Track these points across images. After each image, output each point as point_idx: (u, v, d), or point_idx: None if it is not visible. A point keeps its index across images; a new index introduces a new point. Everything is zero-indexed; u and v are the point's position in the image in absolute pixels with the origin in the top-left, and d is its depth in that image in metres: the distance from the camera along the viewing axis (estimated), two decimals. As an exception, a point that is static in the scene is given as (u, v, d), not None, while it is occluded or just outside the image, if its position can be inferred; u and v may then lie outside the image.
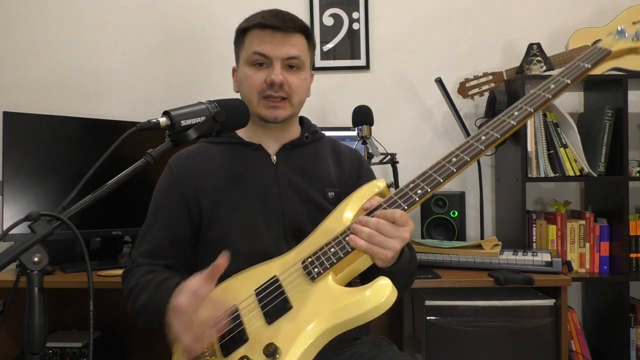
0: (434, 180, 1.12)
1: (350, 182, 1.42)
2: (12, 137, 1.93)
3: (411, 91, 2.49)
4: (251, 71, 1.33)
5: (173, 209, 1.32)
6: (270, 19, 1.31)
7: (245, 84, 1.34)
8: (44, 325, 0.85)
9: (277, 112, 1.33)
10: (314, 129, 1.46)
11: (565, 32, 2.35)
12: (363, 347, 1.33)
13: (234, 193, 1.32)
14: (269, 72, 1.31)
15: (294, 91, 1.34)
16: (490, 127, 1.18)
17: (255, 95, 1.33)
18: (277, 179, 1.34)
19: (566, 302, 1.78)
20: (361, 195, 1.22)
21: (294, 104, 1.36)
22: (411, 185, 1.13)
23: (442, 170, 1.14)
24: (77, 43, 2.49)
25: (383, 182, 1.24)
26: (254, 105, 1.33)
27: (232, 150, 1.38)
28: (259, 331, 1.10)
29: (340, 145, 1.50)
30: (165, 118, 1.04)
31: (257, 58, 1.32)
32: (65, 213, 0.89)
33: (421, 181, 1.13)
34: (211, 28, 2.49)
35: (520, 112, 1.19)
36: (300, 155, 1.40)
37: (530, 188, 2.26)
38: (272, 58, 1.31)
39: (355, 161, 1.47)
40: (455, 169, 1.13)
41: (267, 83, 1.31)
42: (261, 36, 1.32)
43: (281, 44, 1.31)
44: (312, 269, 1.11)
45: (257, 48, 1.31)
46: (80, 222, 0.89)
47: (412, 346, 2.07)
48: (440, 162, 1.15)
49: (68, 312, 2.20)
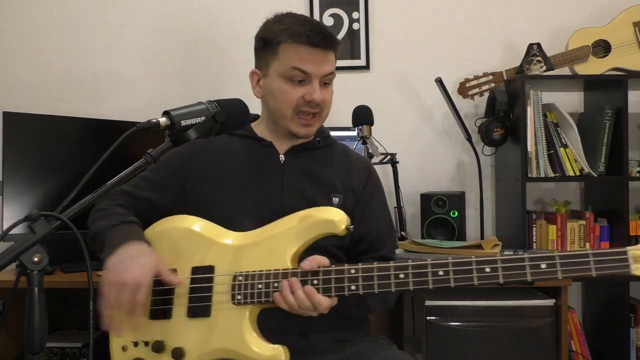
0: (371, 286, 1.10)
1: (358, 190, 1.41)
2: (12, 137, 1.93)
3: (411, 91, 2.49)
4: (288, 86, 1.31)
5: (162, 173, 1.36)
6: (314, 37, 1.29)
7: (280, 97, 1.32)
8: (44, 325, 0.85)
9: (309, 130, 1.35)
10: (326, 134, 1.45)
11: (565, 32, 2.35)
12: (362, 346, 1.33)
13: (235, 182, 1.34)
14: (307, 90, 1.30)
15: (327, 106, 1.35)
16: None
17: (290, 111, 1.32)
18: (282, 178, 1.35)
19: (566, 302, 1.78)
20: (316, 223, 1.18)
21: (323, 118, 1.37)
22: (352, 271, 1.11)
23: (385, 280, 1.09)
24: (77, 43, 2.49)
25: (344, 224, 1.16)
26: (287, 120, 1.33)
27: (244, 142, 1.39)
28: (179, 319, 1.21)
29: (352, 153, 1.49)
30: (165, 118, 1.05)
31: (297, 74, 1.30)
32: (65, 213, 0.90)
33: (362, 276, 1.10)
34: (212, 28, 2.49)
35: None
36: (310, 158, 1.40)
37: (530, 188, 2.26)
38: (313, 76, 1.30)
39: (364, 169, 1.45)
40: (394, 289, 1.09)
41: (305, 100, 1.30)
42: (301, 51, 1.29)
43: (321, 62, 1.30)
44: (236, 293, 1.17)
45: (297, 64, 1.29)
46: (80, 222, 0.89)
47: (412, 346, 2.07)
48: (390, 267, 1.10)
49: (68, 312, 2.20)
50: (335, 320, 1.28)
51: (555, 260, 1.04)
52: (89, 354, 0.92)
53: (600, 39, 2.29)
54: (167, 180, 1.37)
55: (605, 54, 2.28)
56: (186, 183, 1.36)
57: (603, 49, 2.29)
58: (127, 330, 1.17)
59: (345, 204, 1.37)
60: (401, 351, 1.35)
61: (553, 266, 1.04)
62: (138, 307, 1.10)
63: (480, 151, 2.35)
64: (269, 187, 1.34)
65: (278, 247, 1.18)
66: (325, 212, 1.18)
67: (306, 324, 1.26)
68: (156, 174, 1.37)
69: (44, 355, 0.85)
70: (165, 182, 1.37)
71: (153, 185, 1.37)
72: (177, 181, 1.37)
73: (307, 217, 1.19)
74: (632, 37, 2.28)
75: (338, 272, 1.12)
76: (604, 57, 2.28)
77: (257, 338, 1.15)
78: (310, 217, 1.18)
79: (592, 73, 2.26)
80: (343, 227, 1.15)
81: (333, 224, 1.15)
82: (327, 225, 1.16)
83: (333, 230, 1.15)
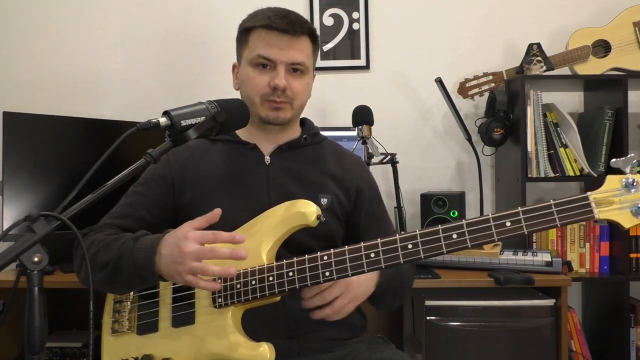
0: (344, 269, 1.11)
1: (351, 188, 1.40)
2: (12, 137, 1.93)
3: (411, 91, 2.49)
4: (254, 73, 1.31)
5: (154, 193, 1.32)
6: (277, 21, 1.28)
7: (248, 85, 1.33)
8: (44, 325, 0.85)
9: (279, 114, 1.32)
10: (314, 131, 1.44)
11: (565, 32, 2.35)
12: (360, 345, 1.33)
13: (222, 191, 1.31)
14: (272, 76, 1.29)
15: (297, 96, 1.33)
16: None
17: (257, 98, 1.31)
18: (268, 181, 1.33)
19: (566, 302, 1.78)
20: (287, 218, 1.19)
21: (295, 108, 1.35)
22: (325, 258, 1.13)
23: (357, 262, 1.11)
24: (77, 43, 2.49)
25: (314, 215, 1.17)
26: (256, 107, 1.32)
27: (227, 148, 1.37)
28: (165, 331, 1.22)
29: (342, 149, 1.48)
30: (165, 118, 1.04)
31: (261, 61, 1.30)
32: (65, 213, 0.90)
33: (334, 261, 1.12)
34: (212, 27, 2.49)
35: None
36: (296, 157, 1.38)
37: (530, 188, 2.26)
38: (277, 62, 1.29)
39: (356, 165, 1.45)
40: (367, 269, 1.11)
41: (270, 87, 1.30)
42: (267, 38, 1.29)
43: (287, 48, 1.29)
44: (217, 296, 1.17)
45: (262, 51, 1.29)
46: (80, 222, 0.89)
47: (412, 346, 2.07)
48: (360, 248, 1.11)
49: (68, 312, 2.19)
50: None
51: (520, 217, 1.03)
52: (89, 354, 0.92)
53: (600, 39, 2.29)
54: (161, 200, 1.33)
55: (605, 54, 2.28)
56: (176, 198, 1.33)
57: (603, 49, 2.29)
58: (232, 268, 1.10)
59: (335, 204, 1.36)
60: (398, 350, 1.34)
61: (518, 222, 1.03)
62: (210, 249, 1.07)
63: (480, 151, 2.35)
64: (256, 191, 1.32)
65: (254, 245, 1.18)
66: (295, 205, 1.19)
67: (296, 325, 1.26)
68: (147, 196, 1.32)
69: (44, 355, 0.85)
70: (161, 203, 1.33)
71: (149, 208, 1.32)
72: (170, 198, 1.33)
73: (279, 213, 1.20)
74: (632, 37, 2.27)
75: (311, 260, 1.13)
76: (604, 57, 2.28)
77: (242, 338, 1.15)
78: (282, 212, 1.20)
79: (592, 73, 2.26)
80: (313, 217, 1.16)
81: (304, 216, 1.17)
82: (298, 218, 1.17)
83: (304, 222, 1.17)
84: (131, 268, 1.14)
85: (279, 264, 1.15)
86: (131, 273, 1.14)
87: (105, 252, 1.18)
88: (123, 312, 1.28)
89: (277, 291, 1.14)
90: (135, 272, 1.13)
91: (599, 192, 1.02)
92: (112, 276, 1.17)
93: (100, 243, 1.20)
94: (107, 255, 1.17)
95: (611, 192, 1.01)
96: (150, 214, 1.31)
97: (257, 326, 1.20)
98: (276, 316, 1.24)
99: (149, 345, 1.22)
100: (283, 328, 1.26)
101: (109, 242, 1.19)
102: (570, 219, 1.02)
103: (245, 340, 1.15)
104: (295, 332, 1.27)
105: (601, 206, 1.01)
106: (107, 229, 1.27)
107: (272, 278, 1.14)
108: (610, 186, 1.02)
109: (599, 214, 1.01)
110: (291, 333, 1.27)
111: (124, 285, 1.20)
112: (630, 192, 1.01)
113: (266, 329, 1.21)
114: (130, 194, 1.35)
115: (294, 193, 1.31)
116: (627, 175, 1.01)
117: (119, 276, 1.17)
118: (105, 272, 1.17)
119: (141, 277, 1.14)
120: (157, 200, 1.32)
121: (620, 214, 1.00)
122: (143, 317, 1.25)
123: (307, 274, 1.13)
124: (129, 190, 1.36)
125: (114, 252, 1.16)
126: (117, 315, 1.29)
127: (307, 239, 1.28)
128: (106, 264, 1.16)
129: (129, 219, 1.30)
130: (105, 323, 1.31)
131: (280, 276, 1.13)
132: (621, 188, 1.01)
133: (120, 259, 1.15)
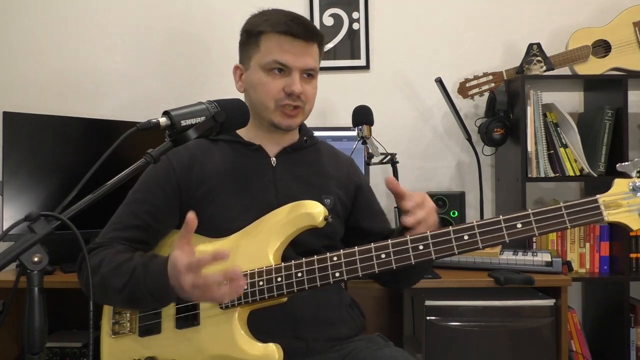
0: (354, 270, 1.13)
1: (350, 186, 1.42)
2: (12, 137, 1.93)
3: (411, 91, 2.49)
4: (267, 78, 1.30)
5: (158, 199, 1.29)
6: (294, 27, 1.28)
7: (261, 89, 1.31)
8: (44, 325, 0.85)
9: (292, 121, 1.33)
10: (310, 133, 1.46)
11: (565, 32, 2.35)
12: (359, 344, 1.33)
13: (229, 190, 1.31)
14: (287, 81, 1.29)
15: (309, 100, 1.34)
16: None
17: (272, 103, 1.31)
18: (275, 182, 1.34)
19: (566, 302, 1.78)
20: (295, 218, 1.19)
21: (306, 112, 1.36)
22: (335, 259, 1.14)
23: (368, 262, 1.12)
24: (77, 43, 2.49)
25: (322, 215, 1.18)
26: (269, 112, 1.32)
27: (230, 149, 1.36)
28: (168, 333, 1.20)
29: (336, 150, 1.51)
30: (165, 118, 1.04)
31: (277, 66, 1.30)
32: (65, 213, 0.90)
33: (344, 262, 1.13)
34: (212, 28, 2.49)
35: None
36: (300, 159, 1.39)
37: (530, 188, 2.26)
38: (292, 68, 1.29)
39: (349, 164, 1.49)
40: (378, 270, 1.12)
41: (285, 92, 1.29)
42: (281, 43, 1.29)
43: (302, 55, 1.30)
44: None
45: (277, 56, 1.29)
46: (80, 222, 0.89)
47: (412, 346, 2.07)
48: (370, 249, 1.13)
49: (68, 312, 2.19)
50: (329, 317, 1.29)
51: (530, 218, 1.05)
52: (89, 354, 0.92)
53: (600, 39, 2.29)
54: (166, 205, 1.29)
55: (605, 54, 2.28)
56: (183, 199, 1.30)
57: (603, 49, 2.29)
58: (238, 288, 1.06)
59: (338, 204, 1.38)
60: (397, 348, 1.34)
61: (529, 224, 1.05)
62: (211, 277, 1.03)
63: (480, 151, 2.35)
64: (264, 192, 1.32)
65: (260, 246, 1.18)
66: (302, 206, 1.19)
67: (301, 325, 1.26)
68: (151, 202, 1.29)
69: (44, 355, 0.85)
70: (165, 208, 1.30)
71: (153, 215, 1.28)
72: (176, 201, 1.30)
73: (284, 214, 1.20)
74: (632, 37, 2.27)
75: (321, 261, 1.14)
76: (604, 57, 2.28)
77: (249, 339, 1.15)
78: (289, 213, 1.20)
79: (592, 73, 2.26)
80: (321, 218, 1.17)
81: (312, 217, 1.17)
82: (306, 219, 1.18)
83: (312, 223, 1.17)
84: (149, 299, 1.14)
85: (287, 264, 1.15)
86: (149, 300, 1.15)
87: (116, 276, 1.16)
88: (124, 313, 1.27)
89: (285, 292, 1.14)
90: (155, 302, 1.16)
91: (608, 195, 1.06)
92: (128, 304, 1.22)
93: (111, 263, 1.18)
94: (120, 280, 1.16)
95: (619, 195, 1.05)
96: (156, 220, 1.29)
97: (263, 326, 1.20)
98: (282, 316, 1.24)
99: (151, 347, 1.21)
100: (289, 328, 1.26)
101: (120, 264, 1.17)
102: (580, 221, 1.05)
103: (253, 341, 1.14)
104: (301, 332, 1.27)
105: (610, 209, 1.05)
106: (115, 244, 1.25)
107: (280, 279, 1.14)
108: (618, 189, 1.05)
109: (607, 216, 1.04)
110: (297, 332, 1.27)
111: (141, 307, 1.24)
112: (637, 196, 1.04)
113: (272, 329, 1.21)
114: (131, 202, 1.31)
115: (299, 194, 1.30)
116: (634, 178, 1.04)
117: (135, 305, 1.22)
118: (121, 297, 1.17)
119: (162, 304, 1.20)
120: (161, 206, 1.29)
121: (629, 216, 1.04)
122: (145, 318, 1.24)
123: (316, 275, 1.13)
124: (128, 197, 1.32)
125: (126, 279, 1.15)
126: (117, 316, 1.27)
127: (312, 239, 1.28)
128: (121, 290, 1.16)
129: (135, 230, 1.27)
130: (104, 325, 1.29)
131: (289, 277, 1.13)
132: (629, 191, 1.05)
133: (135, 287, 1.14)
